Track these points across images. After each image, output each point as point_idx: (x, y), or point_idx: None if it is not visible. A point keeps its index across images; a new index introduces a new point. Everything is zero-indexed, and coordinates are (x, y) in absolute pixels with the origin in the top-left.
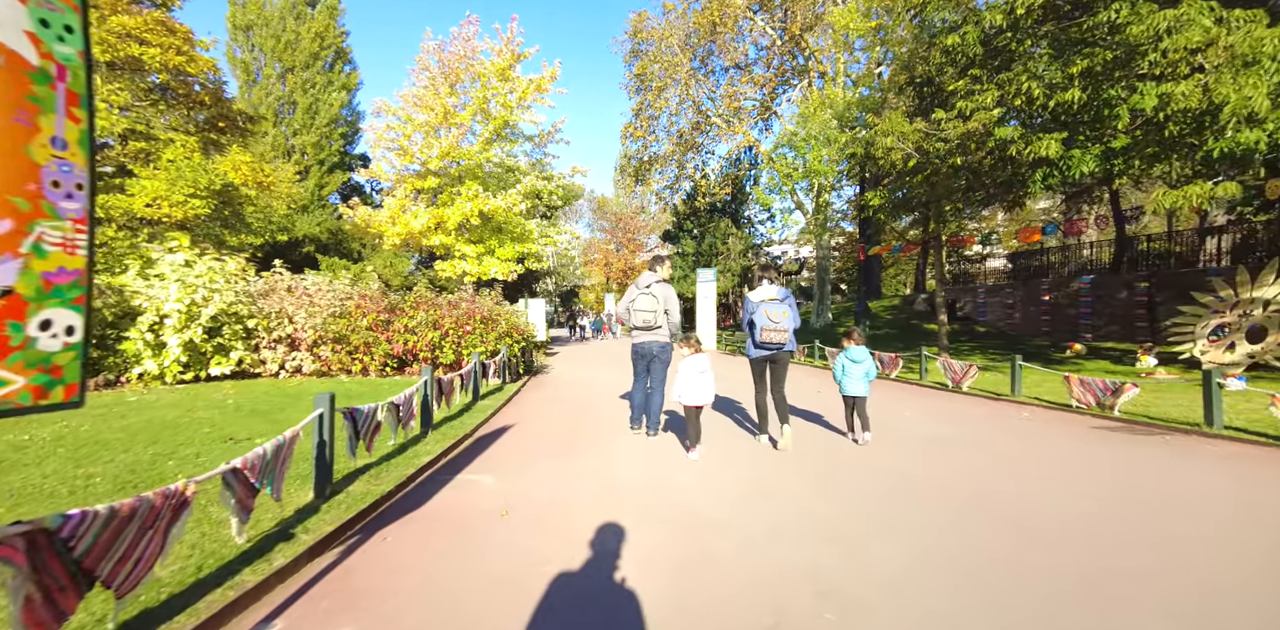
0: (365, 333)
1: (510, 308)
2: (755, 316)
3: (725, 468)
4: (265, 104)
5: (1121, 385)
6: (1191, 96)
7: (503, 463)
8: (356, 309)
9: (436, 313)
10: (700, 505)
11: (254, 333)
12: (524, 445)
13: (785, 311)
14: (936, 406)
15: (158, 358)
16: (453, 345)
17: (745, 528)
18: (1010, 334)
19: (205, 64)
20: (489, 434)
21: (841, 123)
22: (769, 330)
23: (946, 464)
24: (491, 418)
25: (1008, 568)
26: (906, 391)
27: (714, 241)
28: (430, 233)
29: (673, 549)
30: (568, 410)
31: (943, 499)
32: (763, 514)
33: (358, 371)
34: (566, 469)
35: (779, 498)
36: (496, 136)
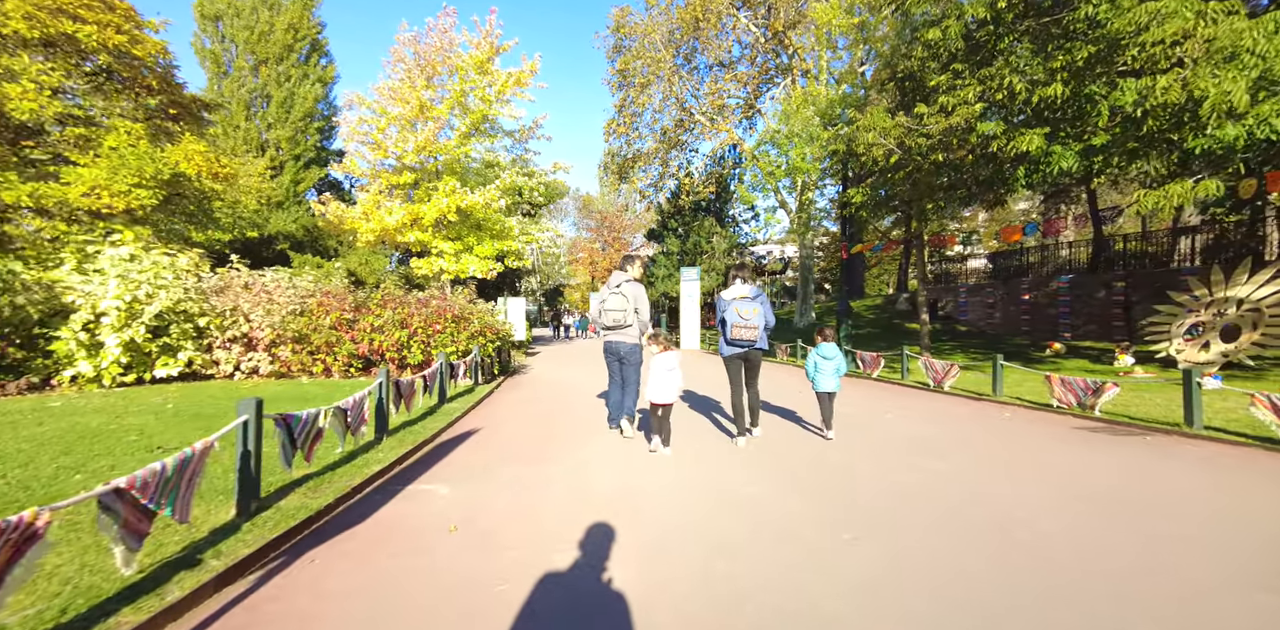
0: (328, 332)
1: (484, 306)
2: (726, 314)
3: (697, 473)
4: (237, 97)
5: (1102, 385)
6: (1171, 91)
7: (463, 470)
8: (319, 307)
9: (405, 311)
10: (669, 514)
11: (206, 332)
12: (488, 450)
13: (756, 309)
14: (918, 406)
15: (93, 359)
16: (421, 345)
17: (717, 543)
18: (991, 333)
19: (153, 46)
20: (452, 439)
21: (824, 120)
22: (739, 327)
23: (927, 466)
24: (458, 421)
25: (989, 574)
26: (888, 391)
27: (699, 240)
28: (406, 229)
29: (637, 568)
30: (541, 411)
31: (922, 503)
32: (736, 527)
33: (320, 372)
34: (531, 476)
35: (754, 507)
36: (475, 131)
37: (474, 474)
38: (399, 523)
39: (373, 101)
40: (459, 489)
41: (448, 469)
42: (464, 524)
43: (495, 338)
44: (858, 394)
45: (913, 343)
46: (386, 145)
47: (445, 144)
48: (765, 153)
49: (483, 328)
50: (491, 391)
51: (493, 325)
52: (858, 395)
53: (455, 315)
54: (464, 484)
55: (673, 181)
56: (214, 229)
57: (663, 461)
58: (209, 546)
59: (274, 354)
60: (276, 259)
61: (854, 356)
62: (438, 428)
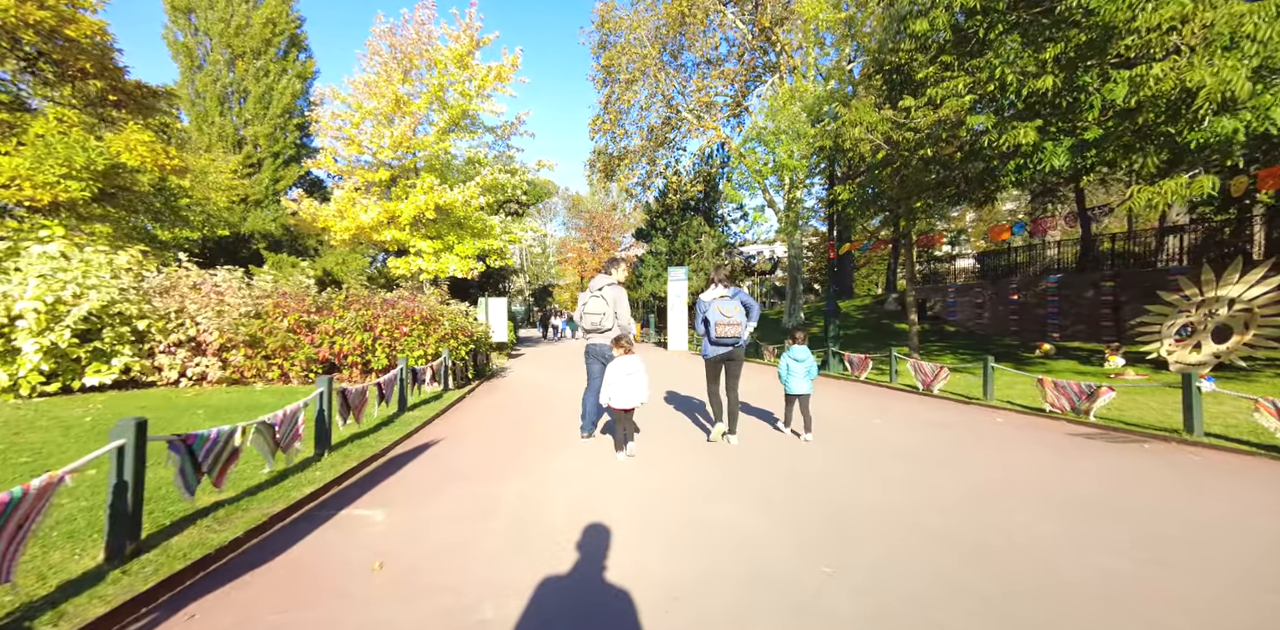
0: (284, 335)
1: (458, 307)
2: (709, 314)
3: (664, 489)
4: (211, 91)
5: (1097, 389)
6: (1166, 80)
7: (408, 490)
8: (275, 308)
9: (369, 313)
10: (625, 548)
11: (147, 336)
12: (442, 466)
13: (737, 306)
14: (907, 411)
15: (8, 366)
16: (386, 349)
17: (674, 587)
18: (980, 333)
19: (89, 26)
20: (406, 453)
21: (811, 116)
22: (723, 324)
23: (916, 479)
24: (417, 432)
25: (986, 611)
26: (876, 395)
27: (687, 240)
28: (382, 227)
29: (586, 621)
30: (510, 419)
31: (910, 524)
32: (702, 564)
33: (276, 378)
34: (482, 497)
35: (725, 536)
36: (455, 127)
37: (419, 494)
38: (317, 560)
39: (348, 96)
40: (398, 514)
41: (392, 488)
42: (393, 559)
43: (468, 340)
44: (845, 397)
45: (901, 343)
46: (361, 141)
47: (423, 140)
48: (752, 150)
49: (454, 330)
50: (463, 397)
51: (465, 327)
52: (845, 399)
53: (424, 317)
54: (405, 507)
55: (660, 180)
56: (182, 227)
57: (628, 479)
58: (49, 607)
59: (225, 359)
60: (253, 258)
61: (841, 358)
62: (392, 440)
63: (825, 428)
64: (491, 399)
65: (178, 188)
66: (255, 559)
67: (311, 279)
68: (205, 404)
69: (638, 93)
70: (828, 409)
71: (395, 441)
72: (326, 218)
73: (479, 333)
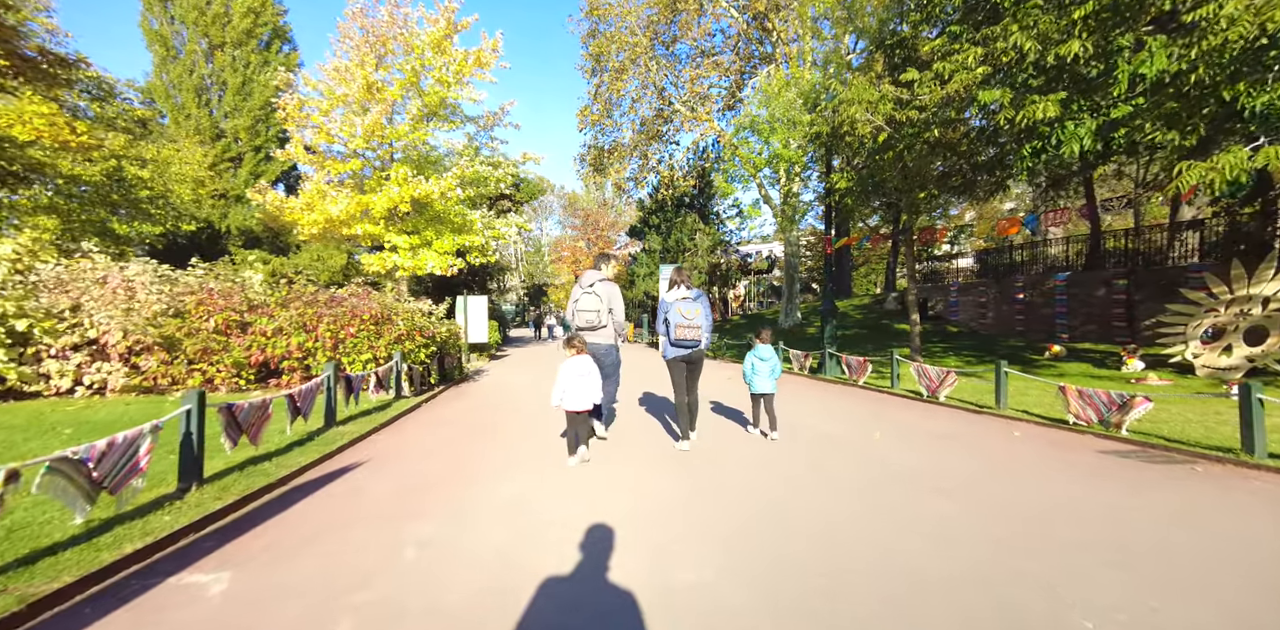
0: (208, 336)
1: (417, 305)
2: (670, 315)
3: (624, 548)
4: (186, 83)
5: (1130, 399)
6: (1239, 23)
7: (282, 539)
8: (199, 306)
9: (310, 311)
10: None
11: (31, 338)
12: (347, 501)
13: (698, 309)
14: (911, 423)
15: None
16: (328, 352)
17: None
18: (984, 334)
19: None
20: (310, 482)
21: (807, 103)
22: (683, 327)
23: (928, 513)
24: (338, 453)
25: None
26: (877, 403)
27: (681, 238)
28: (354, 221)
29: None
30: (463, 432)
31: (924, 589)
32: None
33: (197, 385)
34: (373, 548)
35: (683, 610)
36: (433, 116)
37: (292, 546)
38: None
39: (318, 82)
40: (244, 580)
41: (262, 537)
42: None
43: (428, 342)
44: (842, 405)
45: (902, 344)
46: (329, 129)
47: (399, 129)
48: (745, 140)
49: (410, 330)
50: (418, 406)
51: (425, 327)
52: (842, 406)
53: (375, 316)
54: (261, 569)
55: (654, 176)
56: (143, 221)
57: (572, 520)
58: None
59: (135, 364)
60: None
61: (839, 360)
62: (299, 464)
63: (819, 441)
64: (451, 407)
65: (135, 178)
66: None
67: (260, 275)
68: (85, 420)
69: (628, 82)
70: (823, 418)
71: (303, 467)
72: (294, 211)
73: (443, 334)
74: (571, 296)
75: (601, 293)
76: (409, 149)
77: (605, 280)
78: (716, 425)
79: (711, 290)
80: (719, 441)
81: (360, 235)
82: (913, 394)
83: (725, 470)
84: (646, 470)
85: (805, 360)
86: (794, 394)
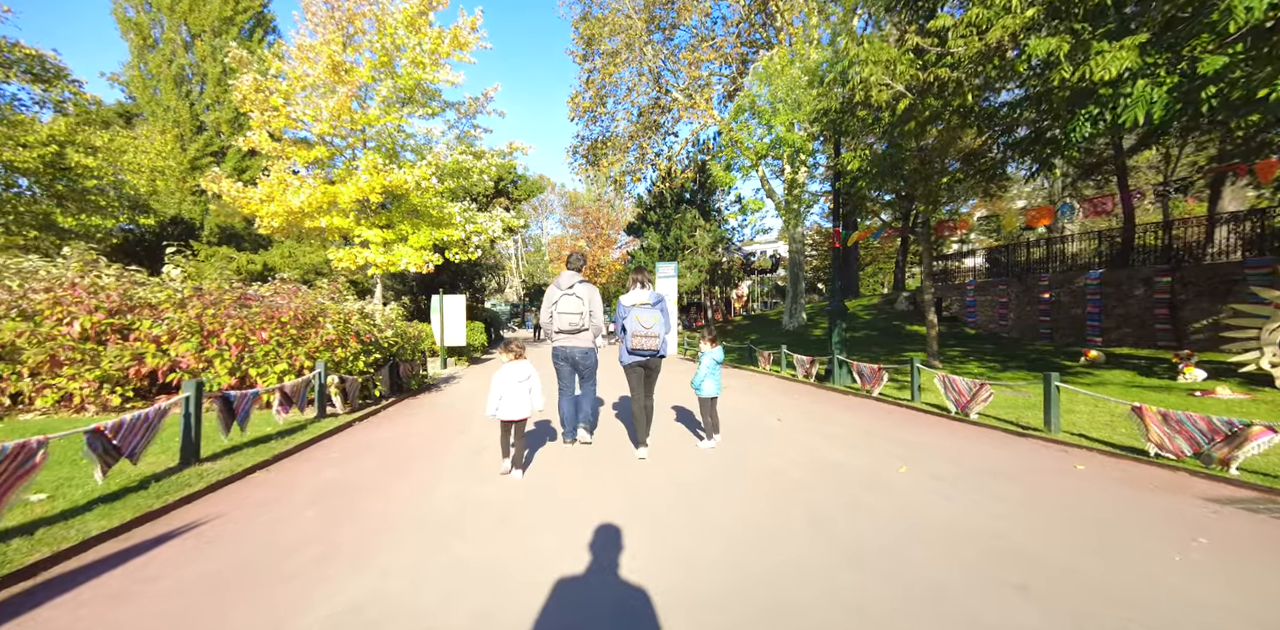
0: (66, 344)
1: (356, 306)
2: (627, 322)
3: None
4: (165, 74)
5: (1245, 429)
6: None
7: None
8: (54, 306)
9: (210, 314)
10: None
11: None
12: (121, 604)
13: (656, 317)
14: (942, 450)
15: None
16: (230, 362)
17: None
18: (1004, 337)
19: None
20: (93, 565)
21: (813, 81)
22: (640, 336)
23: (997, 623)
24: (172, 509)
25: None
26: (896, 421)
27: (680, 235)
28: (320, 213)
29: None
30: (381, 465)
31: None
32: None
33: (50, 405)
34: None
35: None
36: (408, 100)
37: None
38: None
39: (280, 64)
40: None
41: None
42: None
43: (369, 347)
44: (856, 424)
45: (916, 347)
46: (287, 112)
47: (370, 114)
48: (745, 123)
49: (343, 335)
50: (344, 427)
51: (365, 331)
52: (856, 426)
53: (302, 318)
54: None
55: (652, 171)
56: (91, 213)
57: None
58: None
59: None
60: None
61: (849, 368)
62: (96, 531)
63: (825, 475)
64: (390, 427)
65: (80, 166)
66: None
67: (179, 270)
68: None
69: (622, 67)
70: (831, 441)
71: (96, 536)
72: (252, 202)
73: (389, 338)
74: (548, 298)
75: (582, 294)
76: (381, 136)
77: (584, 281)
78: (707, 452)
79: (713, 290)
80: (709, 473)
81: (327, 229)
82: (937, 409)
83: (704, 521)
84: (590, 485)
85: (811, 367)
86: (797, 407)
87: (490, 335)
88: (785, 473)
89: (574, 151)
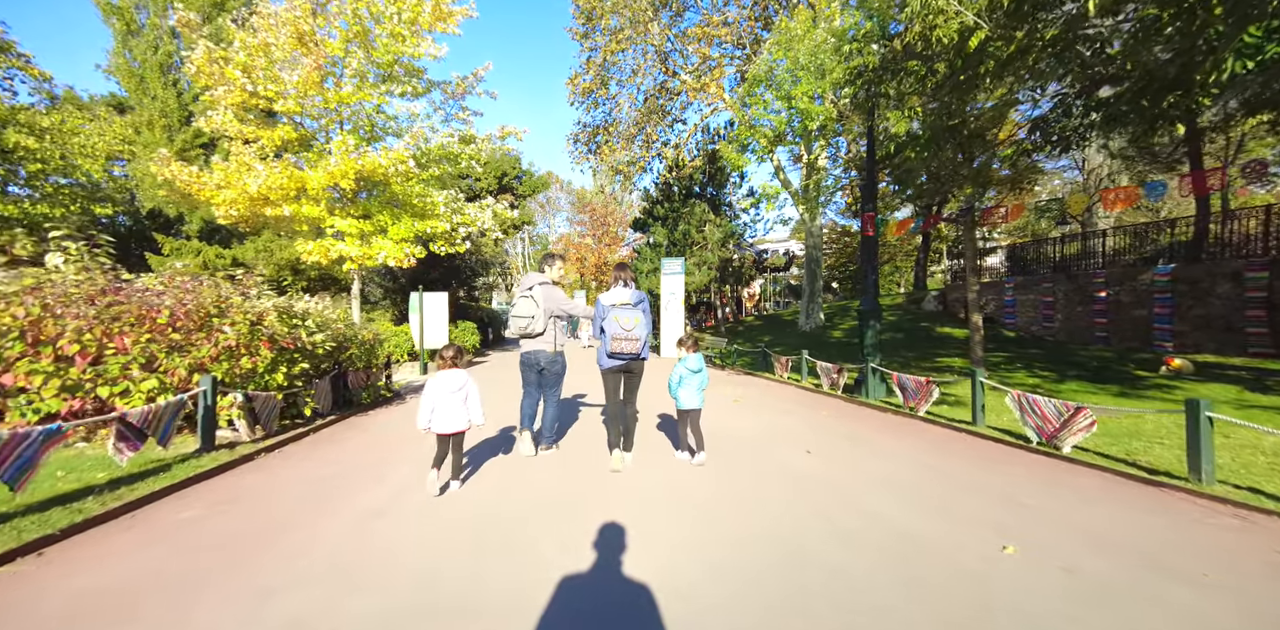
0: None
1: (291, 304)
2: (605, 323)
3: None
4: (150, 61)
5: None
6: None
7: None
8: None
9: (48, 315)
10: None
11: None
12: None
13: (638, 318)
14: (1049, 511)
15: None
16: (59, 378)
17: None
18: (1050, 340)
19: None
20: None
21: (842, 43)
22: (619, 339)
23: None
24: None
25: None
26: (964, 453)
27: (688, 229)
28: (285, 200)
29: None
30: (238, 536)
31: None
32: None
33: None
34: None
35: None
36: (387, 77)
37: None
38: None
39: (244, 34)
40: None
41: None
42: None
43: (296, 355)
44: (916, 464)
45: (950, 352)
46: (243, 85)
47: (343, 92)
48: (759, 98)
49: (249, 341)
50: (242, 460)
51: (288, 335)
52: (917, 469)
53: (187, 318)
54: None
55: (657, 160)
56: (37, 201)
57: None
58: None
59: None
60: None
61: (883, 377)
62: None
63: (902, 563)
64: (314, 458)
65: (21, 148)
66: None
67: (61, 258)
68: None
69: (625, 45)
70: (884, 489)
71: None
72: (206, 187)
73: (318, 342)
74: (513, 301)
75: (539, 296)
76: (359, 118)
77: (546, 283)
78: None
79: (724, 289)
80: (703, 548)
81: (295, 218)
82: (1009, 436)
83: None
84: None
85: (838, 376)
86: (826, 429)
87: (488, 335)
88: (825, 558)
89: (574, 139)
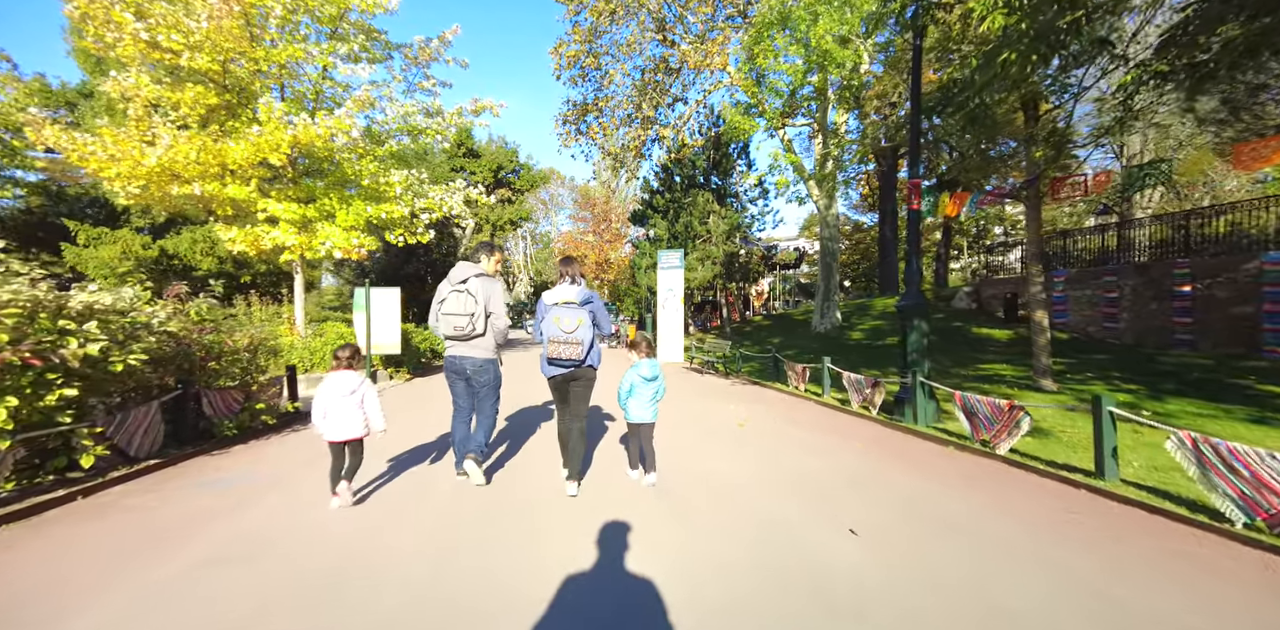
0: None
1: (59, 295)
2: (544, 324)
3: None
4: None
5: None
6: None
7: None
8: None
9: None
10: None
11: None
12: None
13: (580, 319)
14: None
15: None
16: None
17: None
18: (1114, 343)
19: None
20: None
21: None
22: (557, 343)
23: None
24: None
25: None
26: (1123, 538)
27: (690, 221)
28: (200, 178)
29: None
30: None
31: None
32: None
33: None
34: None
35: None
36: (333, 34)
37: None
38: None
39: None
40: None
41: None
42: None
43: (51, 374)
44: (1057, 574)
45: (993, 357)
46: (134, 30)
47: (275, 49)
48: (769, 46)
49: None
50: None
51: (41, 346)
52: (1056, 591)
53: None
54: None
55: (658, 147)
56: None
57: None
58: None
59: None
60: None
61: (931, 393)
62: None
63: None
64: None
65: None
66: None
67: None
68: None
69: (617, 6)
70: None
71: None
72: (93, 158)
73: (112, 357)
74: (437, 295)
75: (477, 291)
76: (300, 83)
77: (482, 275)
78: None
79: (729, 286)
80: None
81: (214, 199)
82: (1169, 502)
83: None
84: None
85: (873, 393)
86: (875, 481)
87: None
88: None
89: (562, 120)
